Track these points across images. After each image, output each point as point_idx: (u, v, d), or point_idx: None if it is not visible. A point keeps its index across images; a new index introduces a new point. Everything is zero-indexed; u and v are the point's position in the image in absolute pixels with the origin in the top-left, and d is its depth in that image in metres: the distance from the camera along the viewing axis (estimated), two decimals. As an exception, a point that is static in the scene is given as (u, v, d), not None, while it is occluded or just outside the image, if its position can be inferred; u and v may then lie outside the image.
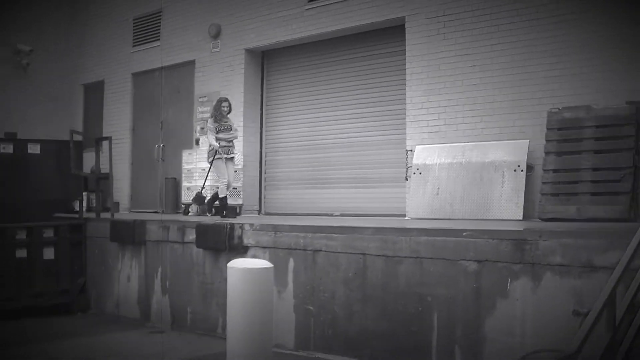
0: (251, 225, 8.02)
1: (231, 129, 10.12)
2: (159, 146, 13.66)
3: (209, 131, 9.96)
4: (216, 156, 9.88)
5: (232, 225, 8.16)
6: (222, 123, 10.03)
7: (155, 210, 13.30)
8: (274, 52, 12.39)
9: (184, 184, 11.95)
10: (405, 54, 10.22)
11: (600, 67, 8.38)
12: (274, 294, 7.47)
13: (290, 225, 7.71)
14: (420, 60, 10.02)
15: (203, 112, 12.78)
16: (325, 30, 11.19)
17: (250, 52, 12.37)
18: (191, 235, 8.63)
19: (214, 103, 10.28)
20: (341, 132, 11.40)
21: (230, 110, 10.21)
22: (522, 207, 8.54)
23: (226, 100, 10.15)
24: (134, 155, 14.34)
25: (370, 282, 6.78)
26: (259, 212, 12.38)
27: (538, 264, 5.64)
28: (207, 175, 10.55)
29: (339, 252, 7.05)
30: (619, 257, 4.77)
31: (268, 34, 11.96)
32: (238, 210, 11.65)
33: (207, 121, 10.22)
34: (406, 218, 9.63)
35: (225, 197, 10.03)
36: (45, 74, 14.76)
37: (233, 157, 10.18)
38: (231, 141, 10.09)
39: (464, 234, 6.08)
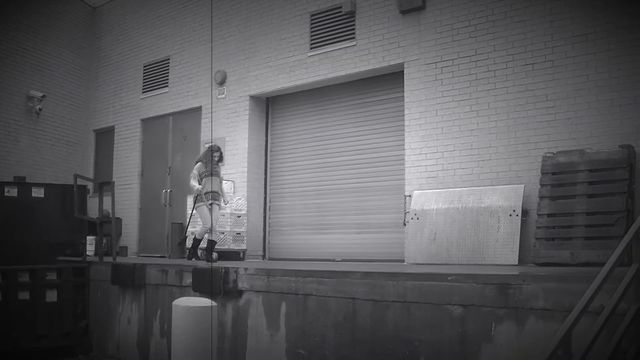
0: (245, 269, 7.99)
1: (219, 176, 9.83)
2: (166, 191, 13.76)
3: (192, 177, 9.62)
4: (197, 203, 9.59)
5: (227, 269, 8.14)
6: (210, 169, 9.72)
7: (163, 255, 13.35)
8: (278, 98, 12.53)
9: (189, 229, 11.95)
10: (403, 100, 10.31)
11: (594, 111, 8.43)
12: (267, 337, 7.46)
13: (282, 269, 7.67)
14: (419, 106, 10.08)
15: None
16: (326, 76, 11.35)
17: (254, 98, 12.50)
18: (188, 279, 8.62)
19: (205, 149, 10.07)
20: (343, 178, 11.42)
21: (220, 160, 9.94)
22: (518, 252, 8.47)
23: (218, 150, 9.93)
24: (142, 200, 14.36)
25: (359, 326, 6.72)
26: (263, 257, 12.35)
27: (522, 308, 5.58)
28: (189, 220, 10.33)
29: (329, 297, 6.99)
30: (602, 302, 4.76)
31: (272, 81, 12.10)
32: (241, 256, 11.66)
33: (195, 164, 9.85)
34: (405, 263, 9.56)
35: (213, 241, 9.74)
36: (57, 120, 15.01)
37: (219, 205, 9.82)
38: (217, 192, 9.71)
39: (449, 278, 6.04)
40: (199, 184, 9.56)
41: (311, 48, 11.63)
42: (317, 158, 11.88)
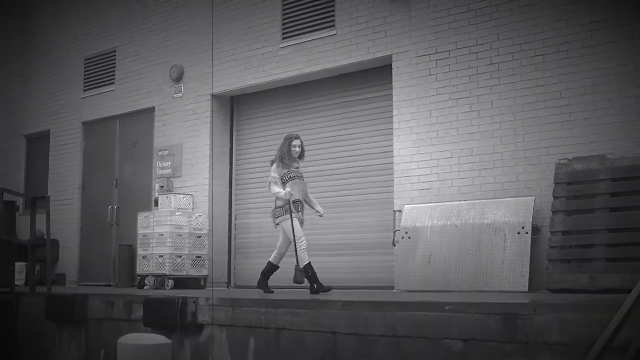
0: (207, 299, 7.89)
1: (302, 178, 8.93)
2: (112, 208, 13.66)
3: (272, 182, 8.73)
4: (279, 217, 8.72)
5: (184, 299, 8.05)
6: (292, 169, 8.85)
7: (108, 283, 13.27)
8: (245, 97, 12.52)
9: (140, 252, 11.87)
10: (391, 99, 10.31)
11: (616, 110, 8.45)
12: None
13: (250, 299, 7.60)
14: (409, 106, 10.08)
15: (163, 167, 12.84)
16: (301, 71, 11.36)
17: (217, 97, 12.48)
18: (138, 312, 8.50)
19: (281, 141, 8.98)
20: (321, 190, 11.23)
21: (302, 153, 8.97)
22: (527, 276, 8.46)
23: (297, 138, 8.93)
24: (84, 218, 14.30)
25: (341, 365, 6.65)
26: (228, 284, 12.31)
27: (533, 343, 5.50)
28: (293, 234, 8.79)
29: (305, 330, 6.91)
30: (629, 335, 4.68)
31: (237, 77, 12.10)
32: (202, 283, 11.64)
33: (271, 166, 8.89)
34: (394, 291, 9.52)
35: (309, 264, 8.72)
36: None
37: (302, 219, 8.85)
38: (299, 201, 8.80)
39: (447, 308, 5.95)
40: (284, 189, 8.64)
41: (283, 38, 11.61)
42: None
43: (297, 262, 8.70)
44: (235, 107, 12.70)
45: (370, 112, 10.94)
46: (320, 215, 9.00)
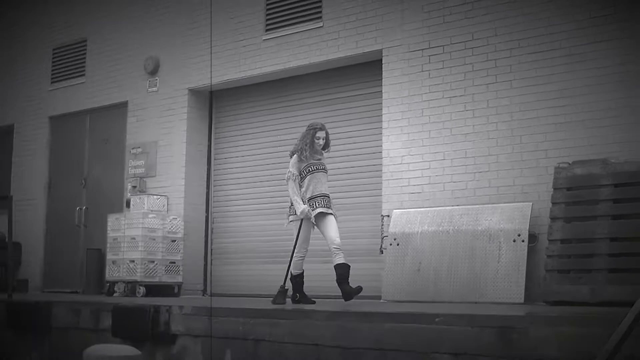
0: (181, 308, 7.89)
1: (325, 171, 8.60)
2: (80, 209, 13.60)
3: (289, 179, 8.43)
4: (292, 216, 8.48)
5: (157, 308, 8.03)
6: (313, 162, 8.52)
7: (75, 290, 13.19)
8: (225, 92, 12.49)
9: (110, 256, 11.80)
10: (381, 96, 10.31)
11: (620, 111, 8.46)
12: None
13: (227, 308, 7.59)
14: (400, 104, 10.09)
15: (136, 166, 12.81)
16: (285, 66, 11.35)
17: (195, 92, 12.45)
18: (107, 321, 8.44)
19: (304, 131, 8.67)
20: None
21: (327, 144, 8.66)
22: (524, 287, 8.44)
23: (323, 128, 8.59)
24: (50, 219, 14.22)
25: (324, 381, 6.62)
26: (204, 292, 12.27)
27: (528, 359, 5.50)
28: (295, 244, 8.63)
29: (286, 342, 6.88)
30: (632, 351, 4.67)
31: (217, 71, 12.03)
32: (176, 290, 11.61)
33: (290, 158, 8.58)
34: (381, 301, 9.48)
35: (343, 265, 8.31)
36: None
37: (333, 213, 8.46)
38: (326, 195, 8.48)
39: (437, 320, 5.93)
40: (298, 187, 8.40)
41: (267, 30, 11.60)
42: (273, 168, 11.81)
43: (286, 279, 8.64)
44: (214, 102, 12.69)
45: (359, 110, 10.93)
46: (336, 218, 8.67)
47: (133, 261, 11.33)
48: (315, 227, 8.47)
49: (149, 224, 11.47)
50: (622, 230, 7.77)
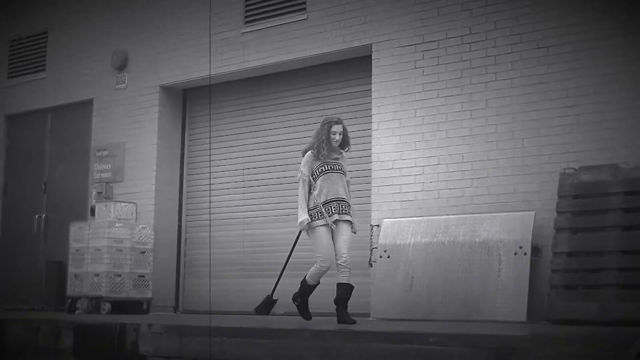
0: (150, 326, 7.85)
1: (343, 171, 8.30)
2: (40, 217, 13.53)
3: (300, 180, 8.25)
4: (314, 223, 8.10)
5: (123, 326, 8.00)
6: (329, 161, 8.25)
7: (33, 306, 13.08)
8: (200, 90, 12.48)
9: (72, 269, 11.72)
10: (370, 95, 10.32)
11: (632, 111, 8.47)
12: None
13: (201, 326, 7.54)
14: (391, 104, 10.08)
15: (102, 170, 12.76)
16: (266, 61, 11.35)
17: (167, 89, 12.46)
18: (68, 340, 8.38)
19: (318, 127, 8.45)
20: (288, 200, 11.29)
21: (346, 141, 8.39)
22: (526, 304, 8.42)
23: (339, 122, 8.31)
24: (5, 228, 14.22)
25: (307, 407, 6.57)
26: (176, 309, 12.26)
27: (531, 383, 5.48)
28: (290, 254, 8.86)
29: (264, 364, 6.86)
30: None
31: (191, 66, 12.05)
32: (145, 307, 11.54)
33: (303, 157, 8.37)
34: (370, 319, 9.47)
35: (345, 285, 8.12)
36: None
37: (351, 221, 8.21)
38: (343, 199, 8.18)
39: (431, 340, 5.91)
40: (307, 190, 8.19)
41: (246, 22, 11.60)
42: (252, 173, 11.89)
43: (274, 290, 8.73)
44: (188, 101, 12.71)
45: (346, 110, 10.83)
46: (354, 232, 8.34)
47: (98, 275, 11.22)
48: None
49: (116, 233, 11.39)
50: (633, 243, 7.77)
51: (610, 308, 7.61)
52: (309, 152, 8.27)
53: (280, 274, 8.60)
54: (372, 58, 10.30)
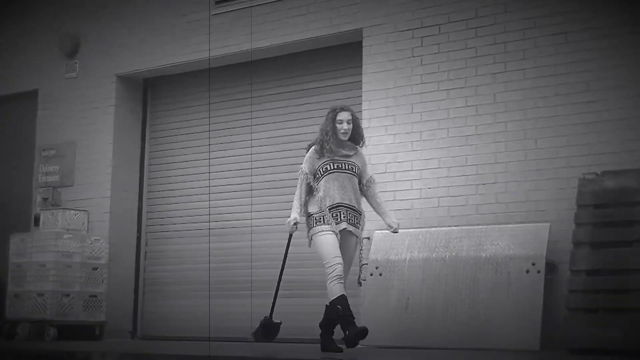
0: (103, 355, 7.85)
1: (354, 172, 7.99)
2: (-26, 226, 13.49)
3: (302, 175, 7.98)
4: (312, 228, 7.89)
5: (72, 355, 8.00)
6: (337, 158, 7.96)
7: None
8: (164, 80, 12.59)
9: (11, 288, 11.65)
10: (361, 88, 10.34)
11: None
12: None
13: (164, 355, 7.55)
14: (385, 97, 10.10)
15: (48, 173, 12.73)
16: (240, 48, 11.36)
17: (125, 79, 12.49)
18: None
19: (325, 117, 8.15)
20: (266, 209, 11.41)
21: (357, 134, 8.09)
22: (540, 330, 8.40)
23: (346, 109, 8.03)
24: None
25: None
26: (134, 335, 12.26)
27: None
28: (283, 265, 8.46)
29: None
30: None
31: (153, 53, 12.11)
32: (98, 332, 11.49)
33: (306, 151, 8.19)
34: (360, 346, 9.35)
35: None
36: None
37: (358, 232, 8.01)
38: (352, 207, 7.90)
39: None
40: (304, 189, 7.95)
41: (217, 2, 11.62)
42: (225, 177, 11.92)
43: (272, 309, 8.39)
44: (150, 93, 12.77)
45: (332, 105, 10.81)
46: (395, 231, 8.18)
47: (42, 295, 11.14)
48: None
49: (64, 246, 11.34)
50: (663, 259, 7.80)
51: (635, 335, 7.58)
52: (313, 148, 8.04)
53: (276, 291, 8.36)
54: (363, 45, 10.31)
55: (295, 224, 7.91)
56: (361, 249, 9.49)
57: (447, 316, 8.93)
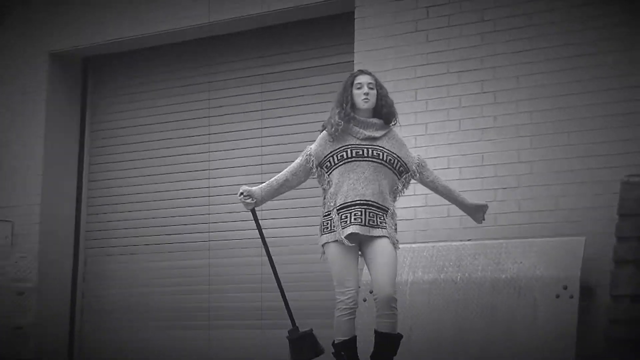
0: None
1: (385, 160, 7.21)
2: None
3: (304, 154, 7.39)
4: (322, 238, 7.25)
5: None
6: (360, 143, 7.20)
7: None
8: (109, 59, 12.76)
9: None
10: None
11: None
12: None
13: None
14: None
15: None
16: (203, 20, 11.45)
17: (60, 58, 12.58)
18: None
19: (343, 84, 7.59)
20: (237, 219, 11.35)
21: (387, 107, 7.38)
22: (574, 367, 8.46)
23: (366, 72, 7.44)
24: None
25: None
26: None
27: None
28: (268, 253, 7.98)
29: None
30: None
31: (96, 25, 12.15)
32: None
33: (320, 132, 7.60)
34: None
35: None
36: None
37: (387, 236, 7.24)
38: (375, 203, 7.17)
39: None
40: (326, 185, 7.30)
41: (175, -37, 11.74)
42: (187, 179, 12.04)
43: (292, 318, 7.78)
44: (91, 76, 12.90)
45: (318, 91, 11.06)
46: (479, 222, 7.83)
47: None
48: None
49: (-20, 266, 11.42)
50: None
51: (693, 374, 7.67)
52: (325, 132, 7.39)
53: (282, 292, 8.00)
54: (355, 16, 10.38)
55: (245, 195, 7.33)
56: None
57: (458, 350, 8.96)
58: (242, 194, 7.28)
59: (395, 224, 7.31)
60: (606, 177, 8.80)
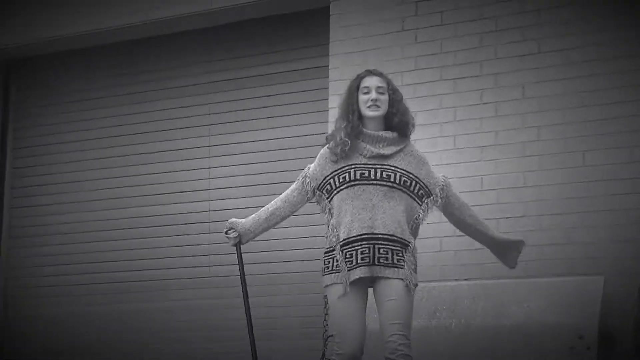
0: None
1: (399, 183, 6.86)
2: None
3: (301, 176, 7.09)
4: (324, 279, 7.08)
5: None
6: (367, 163, 6.84)
7: None
8: (36, 62, 13.01)
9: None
10: (327, 75, 10.41)
11: None
12: None
13: None
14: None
15: None
16: (146, 17, 11.69)
17: None
18: None
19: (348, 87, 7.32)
20: (189, 253, 11.61)
21: (401, 115, 7.10)
22: None
23: (376, 73, 7.04)
24: None
25: None
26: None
27: None
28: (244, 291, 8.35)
29: None
30: None
31: (19, 25, 12.35)
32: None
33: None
34: None
35: None
36: None
37: (398, 275, 7.00)
38: (393, 236, 6.82)
39: None
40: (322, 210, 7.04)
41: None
42: (128, 206, 12.28)
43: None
44: (12, 80, 13.17)
45: (287, 101, 11.31)
46: (512, 266, 7.59)
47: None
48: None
49: None
50: None
51: None
52: (327, 148, 7.04)
53: (250, 330, 7.89)
54: (331, 12, 10.51)
55: (232, 231, 7.13)
56: (326, 313, 9.25)
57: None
58: (232, 231, 7.09)
59: (416, 262, 6.92)
60: (629, 205, 8.78)
